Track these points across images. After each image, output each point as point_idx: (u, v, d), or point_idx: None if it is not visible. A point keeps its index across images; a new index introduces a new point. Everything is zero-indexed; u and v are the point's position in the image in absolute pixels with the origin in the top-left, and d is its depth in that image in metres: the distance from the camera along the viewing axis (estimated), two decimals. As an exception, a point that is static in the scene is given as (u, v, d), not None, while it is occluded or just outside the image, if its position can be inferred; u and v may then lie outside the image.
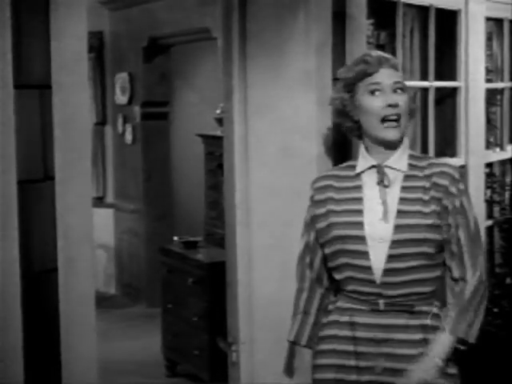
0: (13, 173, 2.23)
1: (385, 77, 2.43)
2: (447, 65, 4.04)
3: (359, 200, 2.43)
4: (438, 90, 4.00)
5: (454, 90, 4.07)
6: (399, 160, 2.45)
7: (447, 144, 4.10)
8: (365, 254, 2.37)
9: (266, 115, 2.96)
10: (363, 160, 2.48)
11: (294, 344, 2.55)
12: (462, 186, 2.43)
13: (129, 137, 6.93)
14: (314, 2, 2.89)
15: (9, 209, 2.22)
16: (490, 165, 4.44)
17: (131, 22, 6.81)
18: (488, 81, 4.37)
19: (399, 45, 3.68)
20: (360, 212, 2.41)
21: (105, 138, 7.22)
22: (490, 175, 4.39)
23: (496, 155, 4.51)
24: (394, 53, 3.69)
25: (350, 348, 2.40)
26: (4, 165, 2.21)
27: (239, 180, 3.01)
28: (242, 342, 2.92)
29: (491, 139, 4.51)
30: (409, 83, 3.70)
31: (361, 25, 3.16)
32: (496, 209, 4.43)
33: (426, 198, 2.39)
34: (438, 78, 3.97)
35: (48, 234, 2.31)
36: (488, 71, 4.37)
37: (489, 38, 4.41)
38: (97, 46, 7.01)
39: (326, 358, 2.45)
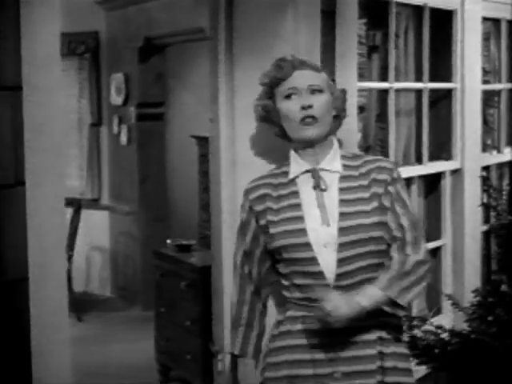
0: (-18, 178, 2.18)
1: (299, 80, 2.43)
2: (442, 66, 4.02)
3: (298, 206, 2.41)
4: (433, 91, 3.96)
5: (450, 92, 4.03)
6: (333, 161, 2.44)
7: (442, 147, 4.06)
8: (313, 260, 2.35)
9: (253, 117, 2.90)
10: (296, 165, 2.47)
11: (237, 357, 2.54)
12: (396, 175, 2.43)
13: (124, 138, 6.89)
14: (303, 1, 2.86)
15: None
16: (486, 168, 4.38)
17: (127, 22, 6.78)
18: (485, 82, 4.34)
19: (392, 45, 3.63)
20: (301, 218, 2.38)
21: (100, 139, 7.18)
22: (486, 179, 4.32)
23: (493, 158, 4.46)
24: (387, 53, 3.65)
25: (307, 356, 2.37)
26: (-27, 169, 2.16)
27: (225, 183, 2.97)
28: (226, 352, 2.86)
29: (488, 141, 4.46)
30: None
31: (351, 24, 3.12)
32: (493, 214, 4.35)
33: (367, 195, 2.38)
34: (433, 79, 3.94)
35: (19, 241, 2.27)
36: (485, 72, 4.34)
37: (486, 39, 4.38)
38: (92, 46, 6.98)
39: (278, 369, 2.41)
